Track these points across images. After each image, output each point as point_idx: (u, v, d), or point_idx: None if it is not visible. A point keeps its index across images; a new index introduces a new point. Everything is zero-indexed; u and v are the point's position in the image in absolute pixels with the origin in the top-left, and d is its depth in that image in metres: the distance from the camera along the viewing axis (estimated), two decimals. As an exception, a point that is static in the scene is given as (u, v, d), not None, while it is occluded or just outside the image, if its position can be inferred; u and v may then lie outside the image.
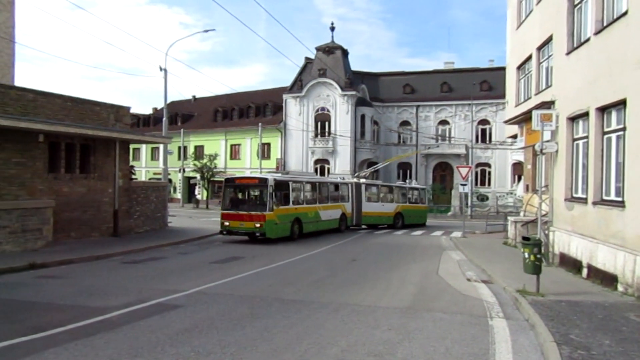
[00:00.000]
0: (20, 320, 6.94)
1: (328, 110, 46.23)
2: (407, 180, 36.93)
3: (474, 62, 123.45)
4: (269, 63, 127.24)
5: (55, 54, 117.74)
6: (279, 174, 20.40)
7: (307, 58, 49.76)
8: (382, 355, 5.62)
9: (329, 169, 45.67)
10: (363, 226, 25.65)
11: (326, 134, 45.82)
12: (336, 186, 23.65)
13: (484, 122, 46.37)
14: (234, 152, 51.09)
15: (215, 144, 50.70)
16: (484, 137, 46.36)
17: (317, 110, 46.60)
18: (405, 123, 49.03)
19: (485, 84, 46.38)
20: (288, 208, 18.78)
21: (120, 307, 7.70)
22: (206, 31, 28.89)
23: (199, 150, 51.29)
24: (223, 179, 21.37)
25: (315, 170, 45.06)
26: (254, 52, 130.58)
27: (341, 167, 44.93)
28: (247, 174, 34.93)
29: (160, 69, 23.87)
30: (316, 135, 46.26)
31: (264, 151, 46.80)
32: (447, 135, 47.40)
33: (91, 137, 16.93)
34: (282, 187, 18.70)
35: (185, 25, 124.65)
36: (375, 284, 10.26)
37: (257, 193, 19.39)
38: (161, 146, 41.59)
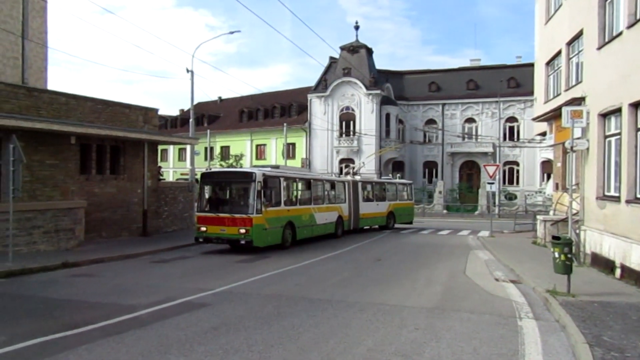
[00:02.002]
0: (54, 317, 7.16)
1: (353, 110, 46.18)
2: (391, 175, 36.17)
3: (501, 59, 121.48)
4: (293, 63, 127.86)
5: (85, 58, 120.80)
6: (269, 168, 16.90)
7: (331, 57, 49.81)
8: (409, 355, 5.60)
9: (353, 168, 45.60)
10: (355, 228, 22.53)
11: (351, 133, 45.76)
12: (332, 185, 20.50)
13: (512, 119, 45.61)
14: (260, 153, 51.51)
15: (241, 145, 51.22)
16: (511, 134, 45.60)
17: (342, 110, 46.60)
18: (430, 121, 48.61)
19: (513, 80, 45.61)
20: (280, 210, 15.67)
21: (150, 305, 7.86)
22: (231, 33, 29.12)
23: (225, 150, 51.89)
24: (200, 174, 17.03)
25: (340, 169, 45.05)
26: (278, 53, 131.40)
27: (366, 167, 44.76)
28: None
29: (187, 71, 24.21)
30: (341, 135, 46.26)
31: (289, 151, 47.02)
32: (474, 133, 46.80)
33: (121, 139, 17.31)
34: (272, 185, 15.50)
35: (211, 27, 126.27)
36: (402, 284, 10.20)
37: (242, 192, 15.89)
38: (188, 147, 42.16)
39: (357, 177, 23.79)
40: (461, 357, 5.58)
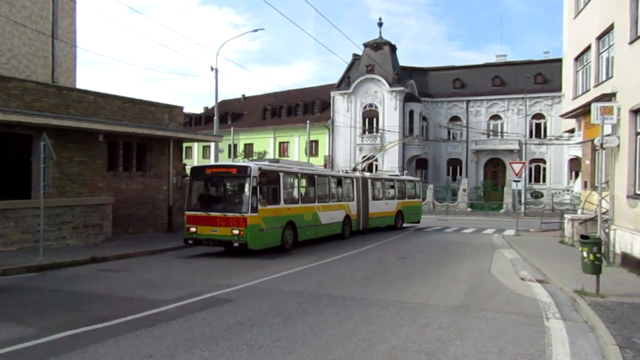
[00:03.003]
0: (83, 311, 7.34)
1: (376, 107, 45.96)
2: (400, 172, 35.07)
3: (527, 55, 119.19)
4: (316, 60, 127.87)
5: (112, 57, 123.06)
6: (266, 162, 15.62)
7: (354, 55, 49.64)
8: (433, 354, 5.56)
9: (376, 166, 45.40)
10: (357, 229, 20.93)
11: (374, 130, 45.56)
12: (339, 181, 18.87)
13: (539, 116, 44.76)
14: (283, 150, 51.71)
15: (264, 142, 51.51)
16: (538, 132, 44.77)
17: (365, 107, 46.42)
18: (455, 118, 48.04)
19: (540, 76, 44.73)
20: (278, 208, 14.26)
21: (175, 300, 7.99)
22: (255, 30, 29.44)
23: (248, 148, 52.26)
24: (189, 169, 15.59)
25: (363, 167, 44.86)
26: (302, 50, 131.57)
27: (389, 164, 44.57)
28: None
29: (211, 69, 24.48)
30: (364, 132, 46.09)
31: (312, 148, 47.09)
32: (499, 130, 46.10)
33: (147, 137, 17.61)
34: (269, 180, 14.25)
35: (235, 25, 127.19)
36: (425, 282, 10.13)
37: (235, 188, 14.82)
38: (212, 144, 42.69)
39: (367, 174, 22.39)
40: (487, 356, 5.51)
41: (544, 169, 45.09)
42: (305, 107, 51.29)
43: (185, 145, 25.04)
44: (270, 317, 7.05)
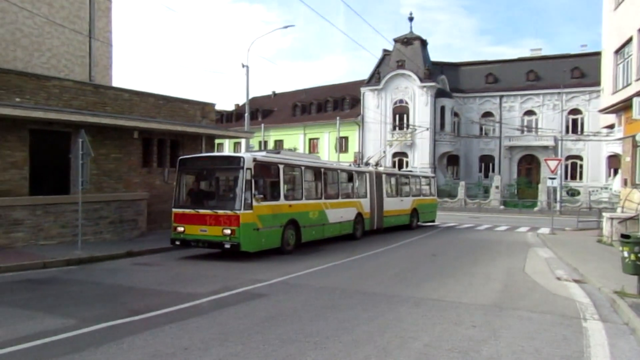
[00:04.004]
0: (120, 303, 7.54)
1: (406, 103, 45.55)
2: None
3: (564, 48, 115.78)
4: (347, 56, 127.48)
5: (144, 54, 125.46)
6: (264, 153, 14.32)
7: (385, 50, 49.31)
8: (466, 352, 5.48)
9: (407, 162, 45.02)
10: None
11: (404, 126, 45.18)
12: (349, 175, 17.38)
13: (575, 111, 43.51)
14: (312, 146, 51.84)
15: (295, 138, 51.75)
16: (575, 127, 43.54)
17: (395, 103, 46.06)
18: (487, 114, 47.19)
19: (577, 70, 43.45)
20: (278, 205, 12.83)
21: (208, 294, 8.12)
22: (285, 27, 29.38)
23: (278, 144, 52.58)
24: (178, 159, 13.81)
25: (393, 164, 44.57)
26: (332, 46, 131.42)
27: (420, 160, 44.18)
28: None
29: (242, 66, 24.68)
30: (394, 128, 45.74)
31: (342, 145, 47.05)
32: (534, 126, 45.03)
33: (180, 133, 17.92)
34: (267, 173, 12.74)
35: (266, 22, 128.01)
36: (457, 280, 10.00)
37: (228, 182, 13.36)
38: (243, 141, 43.05)
39: (380, 168, 20.76)
40: (521, 357, 5.40)
41: (581, 166, 43.83)
42: (335, 103, 51.26)
43: (217, 142, 25.37)
44: (301, 312, 7.09)
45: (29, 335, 5.71)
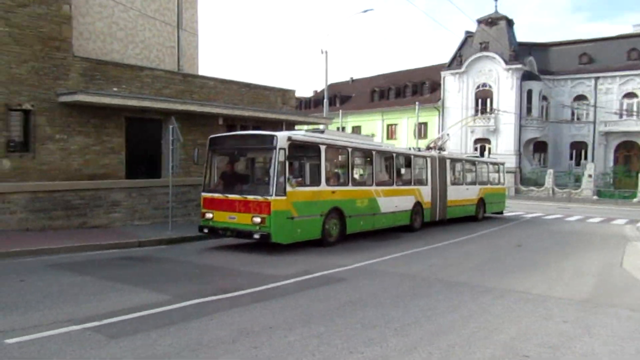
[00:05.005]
0: (209, 282, 7.95)
1: (490, 86, 43.59)
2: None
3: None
4: (426, 40, 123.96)
5: (224, 41, 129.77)
6: (302, 132, 12.71)
7: (467, 32, 47.42)
8: (557, 348, 5.21)
9: (489, 149, 43.22)
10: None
11: (487, 111, 43.30)
12: (407, 160, 15.75)
13: (684, 93, 39.43)
14: (391, 132, 51.25)
15: (372, 124, 51.42)
16: (683, 111, 39.50)
17: (478, 87, 44.24)
18: (580, 97, 43.99)
19: (687, 48, 39.25)
20: (318, 191, 11.40)
21: (290, 276, 8.33)
22: (365, 11, 29.09)
23: (356, 130, 52.47)
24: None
25: (475, 150, 42.98)
26: (411, 30, 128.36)
27: (504, 147, 42.26)
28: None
29: (321, 52, 24.80)
30: (476, 113, 43.99)
31: (421, 130, 46.06)
32: (635, 110, 41.34)
33: (262, 120, 18.40)
34: (305, 155, 11.43)
35: (343, 6, 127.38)
36: (545, 272, 9.50)
37: (259, 164, 12.34)
38: (322, 127, 43.48)
39: (445, 153, 19.20)
40: (621, 357, 5.04)
41: (689, 153, 39.82)
42: (414, 88, 50.21)
43: (296, 128, 25.78)
44: (381, 298, 7.08)
45: (129, 308, 6.18)
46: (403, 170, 15.54)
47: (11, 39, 12.24)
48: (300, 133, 11.99)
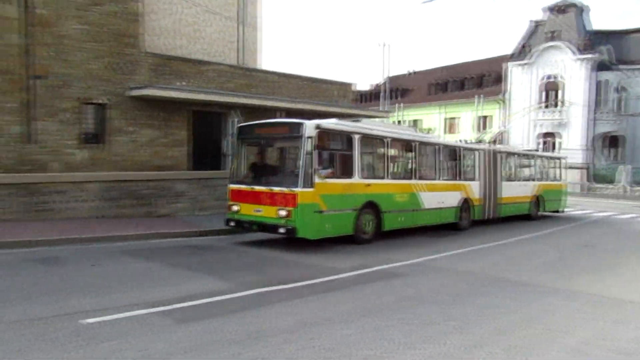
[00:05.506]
0: (268, 272, 8.13)
1: (558, 77, 41.47)
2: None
3: None
4: (487, 31, 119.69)
5: (283, 34, 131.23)
6: (334, 120, 11.36)
7: (533, 21, 45.24)
8: (633, 355, 4.92)
9: (554, 144, 41.22)
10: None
11: (555, 104, 41.24)
12: (454, 153, 14.71)
13: None
14: (450, 126, 50.03)
15: (432, 118, 50.44)
16: None
17: (544, 78, 42.24)
18: (662, 88, 40.89)
19: None
20: (350, 184, 10.63)
21: (348, 270, 8.37)
22: (424, 2, 28.44)
23: (415, 124, 51.70)
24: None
25: (541, 144, 41.14)
26: (472, 20, 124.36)
27: (573, 142, 40.19)
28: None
29: (380, 45, 24.54)
30: (545, 106, 41.98)
31: (483, 124, 44.67)
32: None
33: (322, 113, 18.47)
34: (337, 145, 10.70)
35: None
36: (618, 274, 9.00)
37: (287, 154, 11.75)
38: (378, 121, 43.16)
39: (499, 146, 18.01)
40: (702, 368, 4.70)
41: None
42: (474, 81, 48.67)
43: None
44: (439, 295, 6.97)
45: (195, 294, 6.44)
46: (449, 164, 14.53)
47: (88, 36, 12.99)
48: (332, 121, 11.11)
